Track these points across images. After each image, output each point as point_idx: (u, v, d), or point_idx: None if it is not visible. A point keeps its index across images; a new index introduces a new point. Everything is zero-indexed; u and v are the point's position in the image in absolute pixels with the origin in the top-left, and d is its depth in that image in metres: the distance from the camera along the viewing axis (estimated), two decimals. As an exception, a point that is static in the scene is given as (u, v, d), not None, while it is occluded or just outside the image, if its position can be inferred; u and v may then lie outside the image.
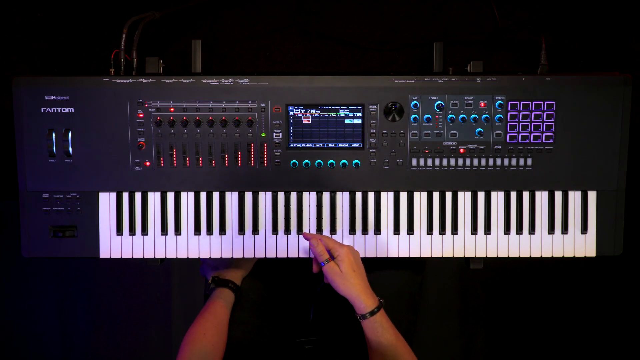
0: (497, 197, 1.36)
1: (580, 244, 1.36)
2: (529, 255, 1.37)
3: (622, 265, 1.98)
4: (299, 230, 1.35)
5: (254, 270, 1.51)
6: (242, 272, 1.48)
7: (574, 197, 1.35)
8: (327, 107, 1.32)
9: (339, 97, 1.31)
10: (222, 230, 1.35)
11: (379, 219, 1.36)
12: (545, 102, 1.31)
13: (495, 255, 1.37)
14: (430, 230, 1.36)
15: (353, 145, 1.34)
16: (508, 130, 1.32)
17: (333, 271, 1.24)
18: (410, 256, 1.37)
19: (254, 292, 1.50)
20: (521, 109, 1.32)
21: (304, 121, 1.32)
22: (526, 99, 1.31)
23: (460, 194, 1.36)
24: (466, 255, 1.37)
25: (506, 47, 1.59)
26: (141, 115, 1.31)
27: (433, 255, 1.36)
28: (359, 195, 1.35)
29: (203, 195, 1.35)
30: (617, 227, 1.35)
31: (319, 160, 1.33)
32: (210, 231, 1.35)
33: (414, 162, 1.34)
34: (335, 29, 1.59)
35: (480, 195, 1.36)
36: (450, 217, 1.36)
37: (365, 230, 1.35)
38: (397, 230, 1.36)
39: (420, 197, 1.36)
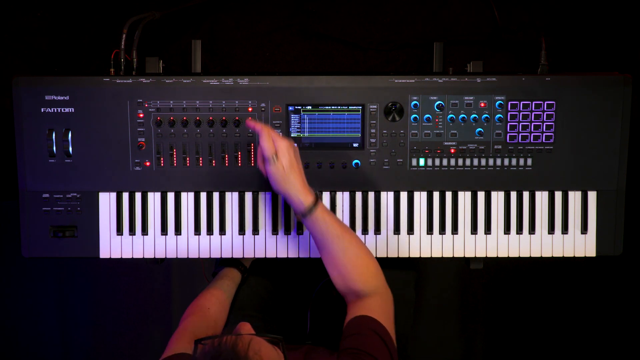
0: (497, 197, 1.36)
1: (580, 244, 1.36)
2: (529, 255, 1.37)
3: (622, 265, 1.98)
4: (299, 230, 1.35)
5: (263, 268, 1.50)
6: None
7: (574, 197, 1.35)
8: (327, 107, 1.32)
9: (339, 97, 1.31)
10: (222, 230, 1.35)
11: (379, 219, 1.36)
12: (545, 102, 1.31)
13: (495, 255, 1.37)
14: (430, 230, 1.36)
15: (353, 145, 1.34)
16: (508, 130, 1.32)
17: (275, 168, 1.15)
18: (411, 256, 1.37)
19: (262, 288, 1.50)
20: (521, 109, 1.32)
21: (305, 121, 1.32)
22: (526, 99, 1.31)
23: (460, 194, 1.36)
24: (466, 255, 1.36)
25: (506, 47, 1.59)
26: (141, 115, 1.31)
27: (433, 255, 1.36)
28: (359, 195, 1.35)
29: (203, 195, 1.35)
30: (617, 227, 1.35)
31: (319, 160, 1.33)
32: (210, 231, 1.35)
33: (414, 162, 1.34)
34: (335, 29, 1.59)
35: (480, 195, 1.36)
36: (450, 217, 1.36)
37: (365, 230, 1.35)
38: (397, 230, 1.36)
39: (420, 197, 1.36)
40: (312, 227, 1.18)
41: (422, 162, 1.34)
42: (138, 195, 1.34)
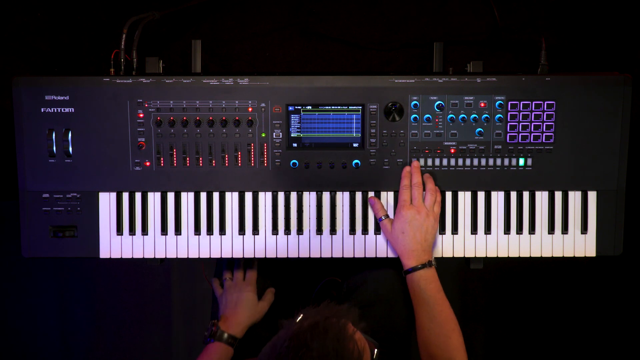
0: (497, 197, 1.36)
1: (580, 244, 1.36)
2: (529, 255, 1.37)
3: (622, 265, 1.98)
4: (299, 230, 1.35)
5: (263, 267, 1.50)
6: (249, 321, 1.40)
7: (574, 197, 1.35)
8: (327, 107, 1.32)
9: (339, 97, 1.31)
10: (222, 230, 1.35)
11: (379, 219, 1.35)
12: (545, 102, 1.31)
13: (495, 255, 1.37)
14: (430, 230, 1.35)
15: (353, 145, 1.34)
16: (508, 130, 1.32)
17: (385, 228, 1.33)
18: (410, 256, 1.37)
19: (263, 287, 1.49)
20: (521, 109, 1.32)
21: (304, 121, 1.32)
22: (526, 99, 1.31)
23: (460, 194, 1.36)
24: (466, 255, 1.37)
25: (506, 47, 1.59)
26: (141, 115, 1.31)
27: (433, 255, 1.36)
28: (359, 195, 1.35)
29: (203, 195, 1.35)
30: (617, 227, 1.35)
31: (319, 160, 1.33)
32: (210, 231, 1.35)
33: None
34: (335, 29, 1.59)
35: (480, 195, 1.36)
36: (450, 217, 1.36)
37: (365, 230, 1.35)
38: (397, 230, 1.35)
39: (420, 197, 1.35)
40: (409, 283, 1.28)
41: (422, 162, 1.34)
42: (138, 195, 1.34)
